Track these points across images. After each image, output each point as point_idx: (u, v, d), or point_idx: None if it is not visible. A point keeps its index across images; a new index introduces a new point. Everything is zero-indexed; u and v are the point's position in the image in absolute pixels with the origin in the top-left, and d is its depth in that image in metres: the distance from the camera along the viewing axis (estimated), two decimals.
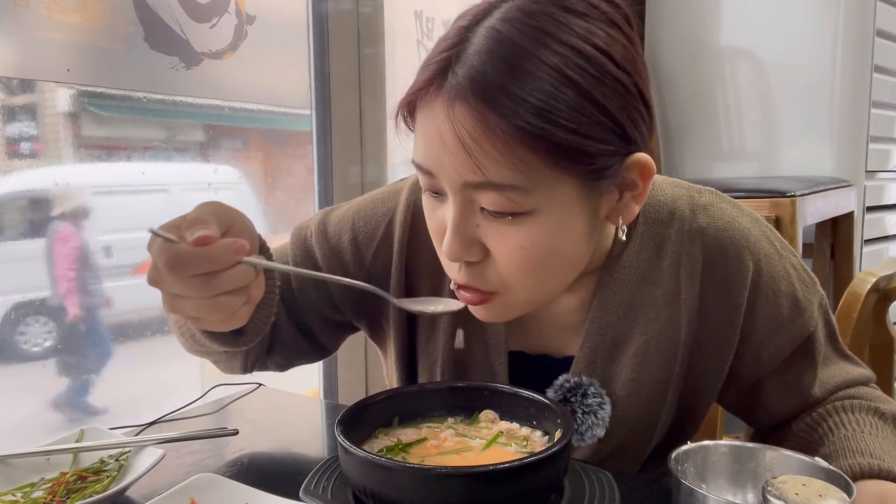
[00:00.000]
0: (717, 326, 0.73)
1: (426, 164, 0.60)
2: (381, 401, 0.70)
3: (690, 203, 0.73)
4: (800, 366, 0.76)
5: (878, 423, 0.72)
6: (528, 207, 0.58)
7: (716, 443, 0.61)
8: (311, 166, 1.53)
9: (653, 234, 0.72)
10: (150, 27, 1.19)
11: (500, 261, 0.61)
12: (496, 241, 0.60)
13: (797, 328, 0.74)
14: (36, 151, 1.15)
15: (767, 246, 0.74)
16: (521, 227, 0.59)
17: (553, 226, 0.59)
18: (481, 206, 0.59)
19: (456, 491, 0.53)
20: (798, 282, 0.75)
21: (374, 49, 1.56)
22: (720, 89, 2.12)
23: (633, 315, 0.72)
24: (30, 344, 1.20)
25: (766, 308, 0.73)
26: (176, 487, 0.59)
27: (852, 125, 1.97)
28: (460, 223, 0.60)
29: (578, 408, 0.71)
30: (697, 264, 0.71)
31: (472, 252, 0.61)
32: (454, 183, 0.58)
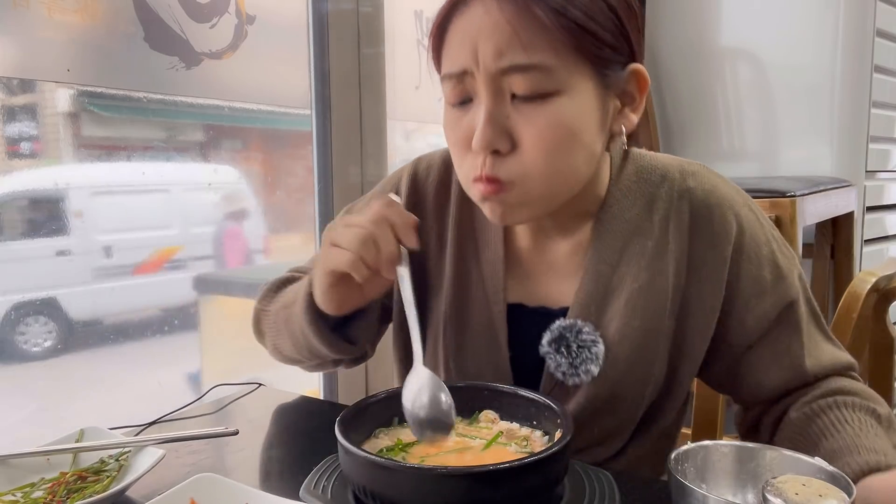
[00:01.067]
0: (705, 280, 0.77)
1: (461, 64, 0.67)
2: (381, 401, 0.70)
3: (680, 169, 0.80)
4: (786, 334, 0.78)
5: (876, 426, 0.72)
6: (554, 87, 0.65)
7: (716, 443, 0.61)
8: (311, 166, 1.53)
9: (645, 192, 0.78)
10: (150, 27, 1.19)
11: (527, 146, 0.67)
12: (525, 126, 0.67)
13: (780, 293, 0.77)
14: (36, 151, 1.15)
15: (749, 213, 0.79)
16: (548, 107, 0.66)
17: (576, 108, 0.67)
18: (512, 94, 0.66)
19: (456, 491, 0.53)
20: (779, 251, 0.79)
21: (374, 49, 1.56)
22: (720, 89, 2.13)
23: (625, 264, 0.77)
24: (30, 344, 1.20)
25: (748, 269, 0.77)
26: (176, 487, 0.59)
27: (852, 125, 1.97)
28: (493, 111, 0.66)
29: (573, 342, 0.75)
30: (686, 220, 0.77)
31: (501, 140, 0.67)
32: (490, 70, 0.65)
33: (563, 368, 0.75)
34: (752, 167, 2.09)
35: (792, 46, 1.99)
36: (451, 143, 0.73)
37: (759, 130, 2.07)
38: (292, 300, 0.80)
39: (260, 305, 0.89)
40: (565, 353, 0.75)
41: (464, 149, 0.70)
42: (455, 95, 0.70)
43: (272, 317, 0.86)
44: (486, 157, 0.68)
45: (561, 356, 0.75)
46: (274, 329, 0.86)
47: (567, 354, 0.74)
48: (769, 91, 2.03)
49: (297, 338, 0.80)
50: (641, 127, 2.15)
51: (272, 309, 0.86)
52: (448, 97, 0.71)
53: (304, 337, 0.78)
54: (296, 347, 0.83)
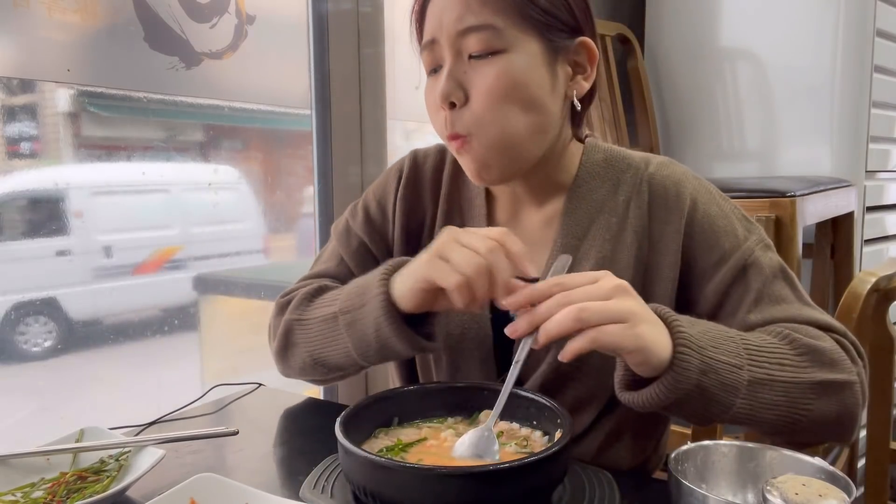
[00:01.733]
0: (663, 252, 0.83)
1: (431, 33, 0.80)
2: (381, 401, 0.70)
3: (645, 159, 0.89)
4: (738, 293, 0.80)
5: (767, 338, 0.72)
6: (501, 46, 0.76)
7: (716, 443, 0.61)
8: (311, 166, 1.53)
9: (612, 176, 0.87)
10: (150, 27, 1.19)
11: (476, 95, 0.77)
12: (476, 78, 0.77)
13: (735, 259, 0.81)
14: (36, 151, 1.15)
15: (705, 194, 0.86)
16: (496, 62, 0.77)
17: (521, 63, 0.77)
18: (469, 55, 0.77)
19: (456, 491, 0.53)
20: (738, 223, 0.84)
21: (374, 49, 1.56)
22: (720, 89, 2.13)
23: (591, 238, 0.85)
24: (30, 344, 1.20)
25: (703, 240, 0.82)
26: (176, 487, 0.59)
27: (852, 125, 1.97)
28: (452, 69, 0.78)
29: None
30: (645, 199, 0.85)
31: (456, 93, 0.77)
32: (451, 34, 0.77)
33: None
34: (752, 167, 2.09)
35: (792, 46, 1.99)
36: (428, 107, 0.83)
37: (759, 130, 2.07)
38: (355, 304, 0.77)
39: (293, 315, 0.85)
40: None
41: (436, 110, 0.81)
42: (429, 63, 0.82)
43: (314, 325, 0.83)
44: (447, 113, 0.78)
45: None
46: (319, 338, 0.83)
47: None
48: (769, 91, 2.03)
49: (364, 340, 0.77)
50: (641, 127, 2.16)
51: (311, 317, 0.83)
52: (425, 66, 0.83)
53: (377, 337, 0.75)
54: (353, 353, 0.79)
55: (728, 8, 2.09)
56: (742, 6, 2.07)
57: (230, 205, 1.47)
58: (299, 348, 0.85)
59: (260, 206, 1.52)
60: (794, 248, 1.54)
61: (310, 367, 0.85)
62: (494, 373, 0.85)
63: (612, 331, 0.62)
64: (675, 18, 2.20)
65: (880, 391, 1.28)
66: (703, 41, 2.14)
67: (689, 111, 2.19)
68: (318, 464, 0.66)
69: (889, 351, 1.23)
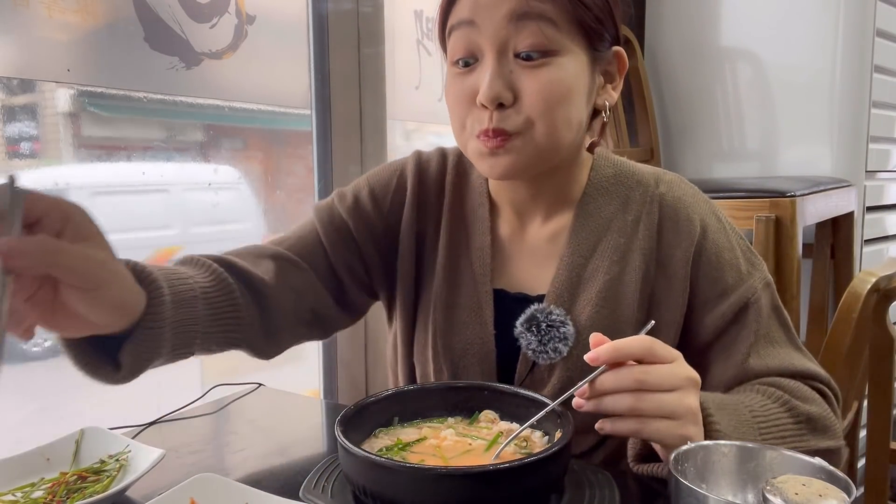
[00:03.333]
0: (671, 276, 0.82)
1: (470, 13, 0.74)
2: (381, 401, 0.70)
3: (656, 177, 0.86)
4: (736, 332, 0.81)
5: (772, 407, 0.74)
6: (555, 47, 0.73)
7: (716, 443, 0.61)
8: (311, 166, 1.53)
9: (621, 193, 0.85)
10: (150, 27, 1.19)
11: (529, 99, 0.73)
12: (528, 81, 0.73)
13: (738, 296, 0.81)
14: (36, 151, 1.15)
15: (715, 221, 0.85)
16: (548, 67, 0.73)
17: (571, 70, 0.75)
18: (515, 53, 0.73)
19: (456, 491, 0.53)
20: (742, 258, 0.83)
21: (374, 49, 1.56)
22: (720, 89, 2.13)
23: (598, 258, 0.83)
24: (30, 344, 1.20)
25: (708, 271, 0.82)
26: (176, 487, 0.59)
27: (852, 125, 1.97)
28: (498, 67, 0.73)
29: (543, 321, 0.79)
30: (655, 221, 0.83)
31: (506, 93, 0.73)
32: (497, 20, 0.72)
33: (533, 346, 0.79)
34: (752, 167, 2.09)
35: (792, 46, 1.99)
36: (453, 101, 0.78)
37: (759, 130, 2.07)
38: None
39: None
40: (535, 331, 0.79)
41: (467, 106, 0.76)
42: (458, 49, 0.76)
43: None
44: (492, 111, 0.74)
45: (531, 334, 0.79)
46: None
47: (537, 333, 0.79)
48: (769, 91, 2.03)
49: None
50: (641, 127, 2.16)
51: None
52: (454, 51, 0.77)
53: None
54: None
55: (728, 8, 2.09)
56: (742, 6, 2.07)
57: (230, 205, 1.47)
58: None
59: (260, 206, 1.52)
60: (794, 248, 1.54)
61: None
62: None
63: (659, 427, 0.62)
64: (675, 18, 2.20)
65: (880, 391, 1.28)
66: (703, 41, 2.14)
67: (689, 111, 2.19)
68: (318, 464, 0.66)
69: (889, 351, 1.23)
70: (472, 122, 0.77)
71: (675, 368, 0.64)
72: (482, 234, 0.87)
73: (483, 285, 0.85)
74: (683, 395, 0.63)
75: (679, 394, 0.63)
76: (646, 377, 0.62)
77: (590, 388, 0.64)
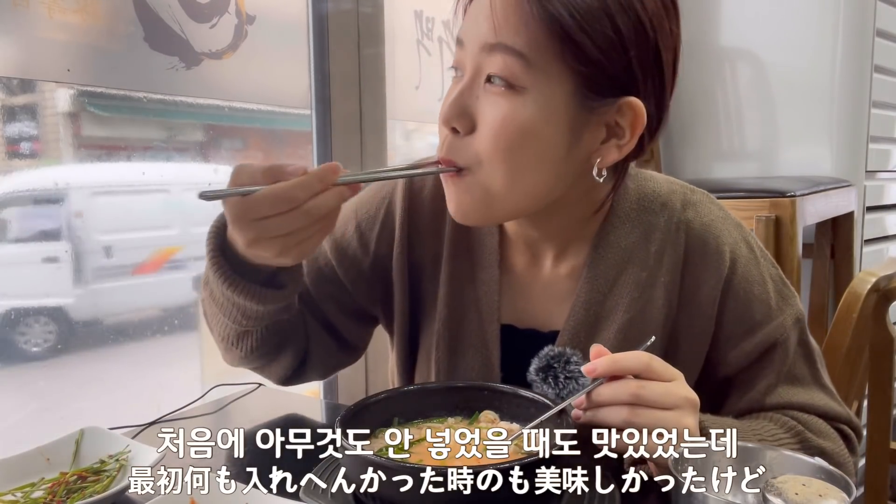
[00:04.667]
0: (695, 312, 0.77)
1: (462, 32, 0.69)
2: (381, 401, 0.70)
3: (683, 199, 0.79)
4: (758, 370, 0.78)
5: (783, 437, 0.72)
6: (523, 83, 0.64)
7: (716, 443, 0.61)
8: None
9: (643, 221, 0.78)
10: (150, 27, 1.19)
11: (482, 132, 0.66)
12: (486, 111, 0.66)
13: (766, 335, 0.77)
14: (36, 151, 1.15)
15: (746, 251, 0.79)
16: (510, 100, 0.65)
17: (536, 110, 0.65)
18: (488, 75, 0.66)
19: (456, 491, 0.53)
20: (774, 291, 0.78)
21: (374, 49, 1.56)
22: (720, 89, 2.12)
23: (617, 294, 0.77)
24: (30, 344, 1.20)
25: (735, 307, 0.77)
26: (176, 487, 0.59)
27: (852, 125, 1.96)
28: (466, 89, 0.67)
29: (561, 373, 0.72)
30: (680, 253, 0.77)
31: (461, 120, 0.67)
32: (476, 45, 0.66)
33: (550, 398, 0.72)
34: (752, 167, 2.09)
35: (792, 46, 1.99)
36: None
37: (759, 130, 2.07)
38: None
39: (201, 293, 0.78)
40: (552, 383, 0.71)
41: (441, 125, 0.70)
42: (455, 62, 0.71)
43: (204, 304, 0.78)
44: (448, 136, 0.68)
45: (548, 386, 0.71)
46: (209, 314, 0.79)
47: (554, 385, 0.70)
48: (769, 91, 2.03)
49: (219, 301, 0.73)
50: None
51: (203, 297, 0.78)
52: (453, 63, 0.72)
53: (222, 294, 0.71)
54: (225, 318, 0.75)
55: (728, 8, 2.09)
56: (742, 6, 2.07)
57: None
58: (213, 332, 0.82)
59: None
60: (794, 248, 1.54)
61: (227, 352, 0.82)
62: None
63: (653, 444, 0.60)
64: None
65: (880, 391, 1.28)
66: (703, 41, 2.14)
67: (689, 111, 2.19)
68: (318, 464, 0.66)
69: (889, 351, 1.23)
70: (440, 144, 0.71)
71: (673, 387, 0.63)
72: (490, 267, 0.80)
73: (490, 323, 0.80)
74: (681, 415, 0.62)
75: (676, 413, 0.61)
76: (642, 392, 0.61)
77: (587, 400, 0.63)
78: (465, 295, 0.81)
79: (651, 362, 0.62)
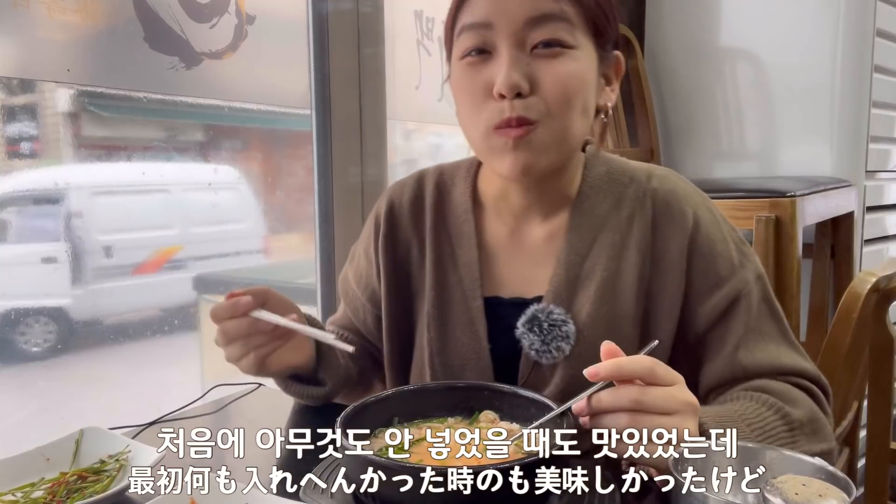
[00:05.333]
0: (666, 270, 0.83)
1: (486, 15, 0.75)
2: (381, 401, 0.70)
3: (648, 172, 0.87)
4: (726, 325, 0.82)
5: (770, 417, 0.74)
6: (571, 42, 0.75)
7: (716, 443, 0.61)
8: (311, 166, 1.53)
9: (614, 191, 0.86)
10: (150, 27, 1.19)
11: (547, 90, 0.75)
12: (545, 73, 0.75)
13: (730, 288, 0.82)
14: (36, 151, 1.15)
15: (707, 213, 0.85)
16: (566, 58, 0.75)
17: (586, 62, 0.77)
18: (532, 47, 0.75)
19: (456, 491, 0.53)
20: (735, 249, 0.84)
21: (374, 49, 1.56)
22: (720, 89, 2.13)
23: (595, 256, 0.83)
24: (30, 344, 1.20)
25: (700, 263, 0.82)
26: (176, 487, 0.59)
27: (852, 125, 1.97)
28: (516, 58, 0.74)
29: (545, 321, 0.81)
30: (649, 216, 0.84)
31: (524, 84, 0.74)
32: (517, 22, 0.74)
33: (536, 346, 0.80)
34: (752, 167, 2.09)
35: (792, 46, 1.99)
36: (467, 94, 0.78)
37: (759, 130, 2.07)
38: None
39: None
40: (538, 331, 0.80)
41: (482, 98, 0.76)
42: (475, 45, 0.76)
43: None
44: (511, 101, 0.74)
45: (534, 334, 0.80)
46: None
47: (539, 332, 0.80)
48: (769, 91, 2.03)
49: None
50: (641, 127, 2.16)
51: None
52: (466, 47, 0.77)
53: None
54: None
55: (728, 8, 2.09)
56: (742, 6, 2.07)
57: (230, 205, 1.47)
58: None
59: (260, 206, 1.52)
60: (794, 248, 1.54)
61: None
62: None
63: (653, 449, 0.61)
64: (675, 18, 2.20)
65: (880, 391, 1.28)
66: (703, 41, 2.14)
67: (689, 111, 2.19)
68: (318, 464, 0.66)
69: (889, 351, 1.23)
70: (489, 115, 0.76)
71: (674, 392, 0.63)
72: (469, 250, 0.88)
73: (474, 300, 0.86)
74: (681, 420, 0.62)
75: (677, 418, 0.62)
76: (643, 398, 0.62)
77: (587, 404, 0.63)
78: (449, 277, 0.88)
79: (655, 367, 0.63)
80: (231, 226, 1.50)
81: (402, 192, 0.94)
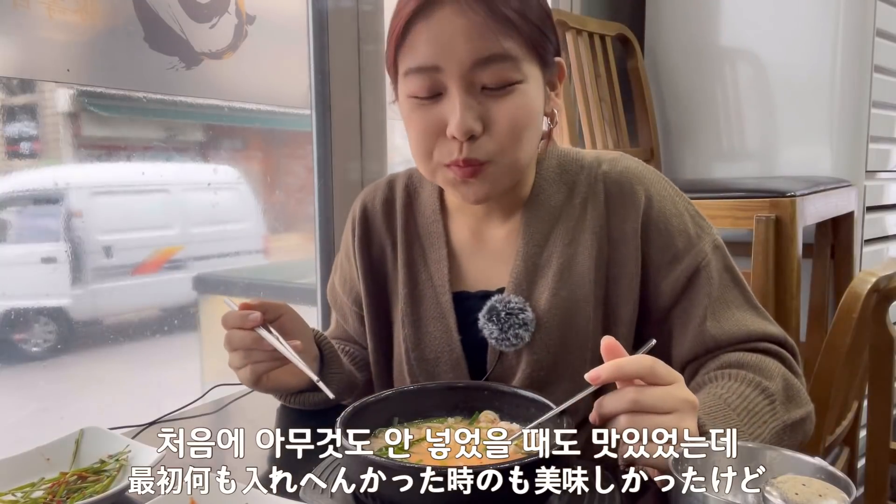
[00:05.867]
0: (622, 250, 0.85)
1: (433, 60, 0.74)
2: (381, 401, 0.70)
3: (598, 158, 0.90)
4: (691, 298, 0.84)
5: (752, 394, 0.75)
6: (518, 77, 0.76)
7: (716, 443, 0.61)
8: (311, 166, 1.53)
9: (566, 181, 0.88)
10: (150, 27, 1.19)
11: (500, 127, 0.76)
12: (497, 112, 0.76)
13: (689, 260, 0.84)
14: (36, 151, 1.15)
15: (661, 189, 0.87)
16: (515, 96, 0.76)
17: (532, 94, 0.78)
18: (482, 86, 0.75)
19: (456, 491, 0.53)
20: (691, 223, 0.86)
21: (374, 47, 1.56)
22: (720, 89, 2.12)
23: (551, 245, 0.86)
24: (30, 344, 1.20)
25: (657, 239, 0.84)
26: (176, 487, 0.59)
27: (852, 125, 1.96)
28: (467, 101, 0.75)
29: (502, 310, 0.83)
30: (601, 199, 0.86)
31: (477, 126, 0.75)
32: (464, 65, 0.74)
33: (495, 335, 0.83)
34: (752, 167, 2.09)
35: (792, 46, 1.99)
36: (418, 132, 0.80)
37: (759, 130, 2.07)
38: None
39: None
40: (496, 320, 0.83)
41: (433, 137, 0.78)
42: (424, 89, 0.76)
43: None
44: (462, 145, 0.76)
45: (493, 324, 0.83)
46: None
47: (497, 322, 0.83)
48: (769, 91, 2.03)
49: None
50: (641, 127, 2.16)
51: None
52: (414, 91, 0.77)
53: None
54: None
55: (728, 8, 2.09)
56: (742, 6, 2.07)
57: (230, 205, 1.48)
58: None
59: (260, 206, 1.52)
60: (794, 248, 1.54)
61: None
62: None
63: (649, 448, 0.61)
64: (675, 18, 2.20)
65: (880, 391, 1.28)
66: (703, 41, 2.14)
67: (689, 111, 2.19)
68: (318, 464, 0.66)
69: (889, 351, 1.23)
70: (440, 153, 0.79)
71: (673, 391, 0.64)
72: (438, 248, 0.91)
73: (443, 295, 0.89)
74: (680, 418, 0.63)
75: (675, 417, 0.62)
76: (641, 398, 0.62)
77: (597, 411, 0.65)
78: (420, 275, 0.92)
79: (654, 366, 0.63)
80: (231, 226, 1.50)
81: (374, 195, 0.97)
